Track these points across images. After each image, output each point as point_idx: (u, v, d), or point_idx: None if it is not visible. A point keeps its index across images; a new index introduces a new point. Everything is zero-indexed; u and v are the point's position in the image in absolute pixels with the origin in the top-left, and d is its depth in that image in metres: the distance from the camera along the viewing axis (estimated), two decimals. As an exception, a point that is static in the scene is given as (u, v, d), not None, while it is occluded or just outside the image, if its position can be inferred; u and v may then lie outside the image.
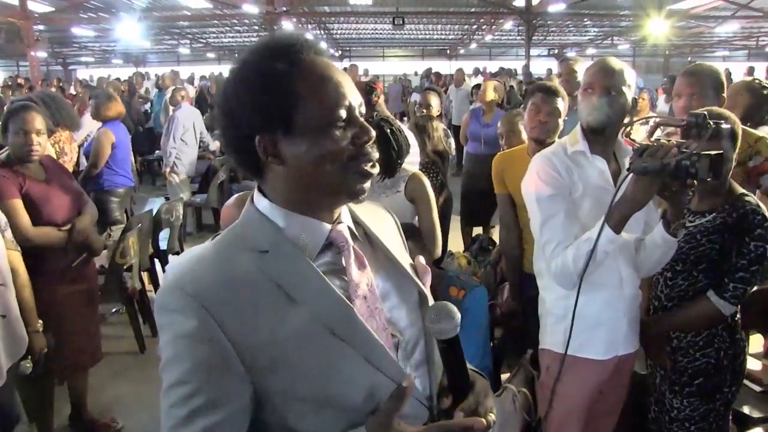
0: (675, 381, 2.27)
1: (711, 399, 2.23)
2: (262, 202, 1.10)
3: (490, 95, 6.28)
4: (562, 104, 2.99)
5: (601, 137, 2.07)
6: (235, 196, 2.21)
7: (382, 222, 1.27)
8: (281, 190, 1.08)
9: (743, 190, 2.16)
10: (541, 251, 2.09)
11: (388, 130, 2.89)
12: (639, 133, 4.20)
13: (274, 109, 1.02)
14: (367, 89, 4.34)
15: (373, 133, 1.08)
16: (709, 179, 1.68)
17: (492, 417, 1.12)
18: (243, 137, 1.05)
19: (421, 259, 1.26)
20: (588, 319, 2.03)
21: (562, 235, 2.00)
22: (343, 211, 1.15)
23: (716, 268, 2.14)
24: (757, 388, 2.88)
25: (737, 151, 2.13)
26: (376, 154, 1.09)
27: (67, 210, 3.13)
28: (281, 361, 1.01)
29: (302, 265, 1.06)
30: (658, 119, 2.44)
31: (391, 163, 2.92)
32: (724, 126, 1.92)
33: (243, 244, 1.07)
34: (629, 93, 2.07)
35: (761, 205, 2.10)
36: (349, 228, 1.15)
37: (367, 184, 1.09)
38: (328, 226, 1.10)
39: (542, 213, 2.06)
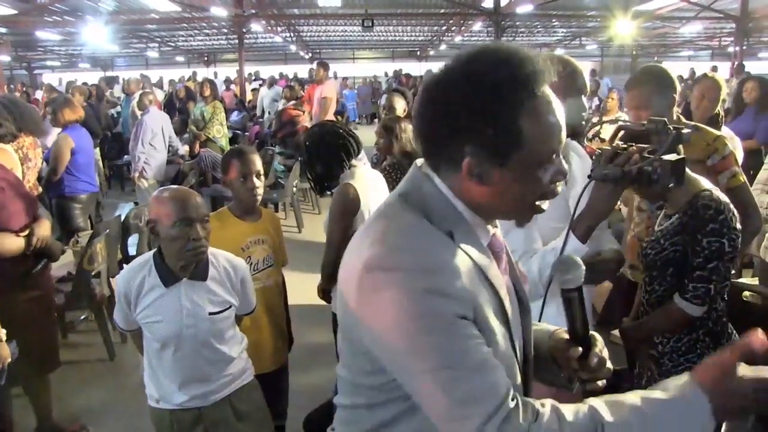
0: None
1: None
2: (440, 183, 1.12)
3: None
4: None
5: None
6: (160, 190, 2.28)
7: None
8: (466, 194, 1.11)
9: (705, 186, 2.09)
10: None
11: (306, 144, 2.97)
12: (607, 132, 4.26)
13: (496, 143, 1.04)
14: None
15: (567, 172, 1.12)
16: (671, 185, 1.68)
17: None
18: (448, 149, 1.08)
19: (521, 267, 1.31)
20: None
21: (526, 245, 1.95)
22: None
23: (683, 270, 2.11)
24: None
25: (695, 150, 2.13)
26: (560, 189, 1.13)
27: (22, 215, 3.07)
28: (485, 324, 1.07)
29: (485, 252, 1.14)
30: (619, 123, 2.46)
31: (318, 180, 3.02)
32: (685, 131, 1.92)
33: (427, 220, 1.09)
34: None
35: (717, 197, 2.04)
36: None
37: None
38: (492, 231, 1.19)
39: (502, 222, 2.04)
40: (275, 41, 24.83)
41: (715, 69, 14.46)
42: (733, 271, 2.13)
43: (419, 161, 1.17)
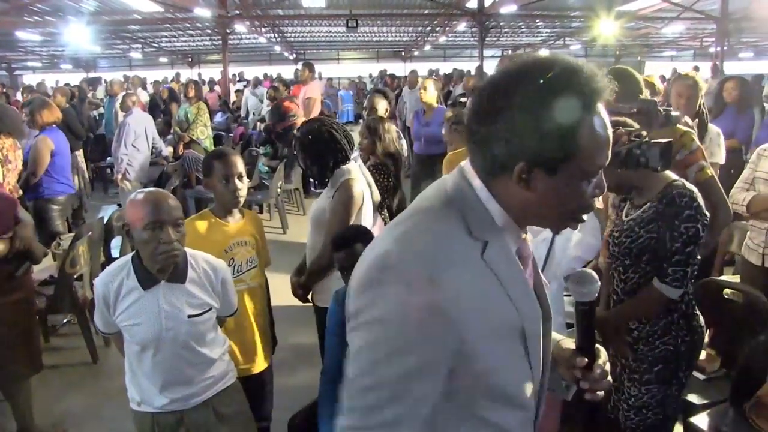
0: (635, 370, 2.32)
1: (668, 385, 2.29)
2: (480, 188, 1.14)
3: (426, 97, 6.29)
4: None
5: None
6: (135, 192, 2.26)
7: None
8: (508, 198, 1.12)
9: (674, 177, 2.18)
10: None
11: (309, 138, 2.95)
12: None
13: (552, 152, 1.06)
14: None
15: (605, 187, 1.14)
16: (659, 167, 1.69)
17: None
18: (502, 152, 1.08)
19: (543, 277, 1.33)
20: None
21: None
22: None
23: (658, 256, 2.18)
24: (702, 377, 2.97)
25: None
26: (596, 204, 1.16)
27: (5, 218, 3.05)
28: (485, 347, 1.07)
29: (515, 266, 1.14)
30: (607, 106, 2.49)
31: (316, 173, 2.99)
32: (674, 113, 1.94)
33: (465, 228, 1.10)
34: None
35: (690, 186, 2.13)
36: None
37: None
38: (523, 236, 1.20)
39: None
40: (259, 42, 24.75)
41: (696, 69, 14.59)
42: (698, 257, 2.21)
43: (464, 164, 1.18)
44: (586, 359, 1.24)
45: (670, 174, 2.18)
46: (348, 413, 1.07)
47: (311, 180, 3.11)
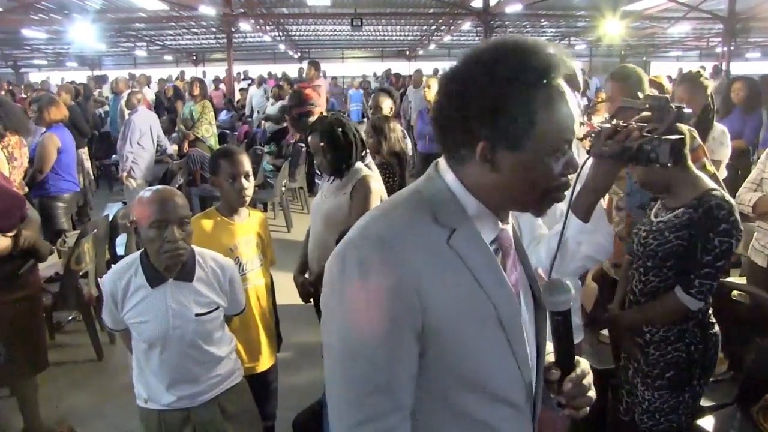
0: (647, 374, 2.31)
1: (681, 391, 2.26)
2: (452, 180, 1.13)
3: (430, 95, 6.31)
4: None
5: None
6: (144, 190, 2.25)
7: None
8: (479, 184, 1.11)
9: (712, 185, 2.14)
10: None
11: (339, 131, 2.94)
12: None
13: (509, 129, 1.05)
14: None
15: (578, 165, 1.12)
16: (669, 164, 1.67)
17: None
18: (463, 133, 1.08)
19: (540, 271, 1.32)
20: None
21: (531, 233, 1.94)
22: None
23: (685, 264, 2.14)
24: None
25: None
26: (571, 183, 1.14)
27: (9, 216, 3.05)
28: (453, 333, 1.06)
29: (486, 253, 1.12)
30: (621, 102, 2.49)
31: (339, 165, 2.97)
32: (686, 110, 1.92)
33: (432, 216, 1.09)
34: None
35: (728, 198, 2.09)
36: (513, 228, 1.23)
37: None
38: (501, 226, 1.17)
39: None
40: (264, 40, 24.77)
41: (702, 69, 14.54)
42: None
43: (440, 158, 1.18)
44: (560, 372, 1.20)
45: (709, 181, 2.14)
46: (339, 407, 1.07)
47: (324, 174, 3.11)
